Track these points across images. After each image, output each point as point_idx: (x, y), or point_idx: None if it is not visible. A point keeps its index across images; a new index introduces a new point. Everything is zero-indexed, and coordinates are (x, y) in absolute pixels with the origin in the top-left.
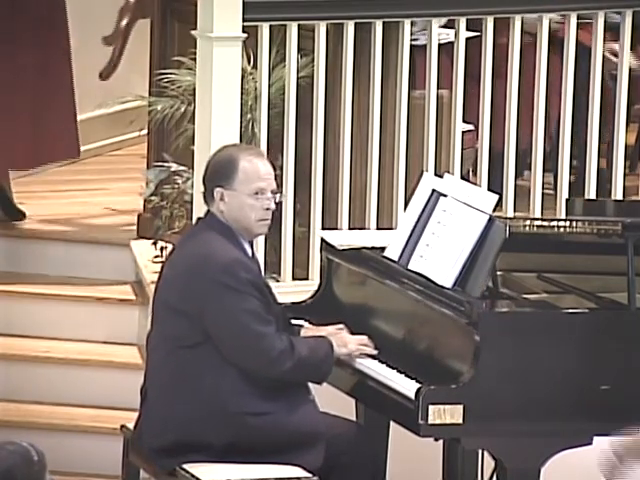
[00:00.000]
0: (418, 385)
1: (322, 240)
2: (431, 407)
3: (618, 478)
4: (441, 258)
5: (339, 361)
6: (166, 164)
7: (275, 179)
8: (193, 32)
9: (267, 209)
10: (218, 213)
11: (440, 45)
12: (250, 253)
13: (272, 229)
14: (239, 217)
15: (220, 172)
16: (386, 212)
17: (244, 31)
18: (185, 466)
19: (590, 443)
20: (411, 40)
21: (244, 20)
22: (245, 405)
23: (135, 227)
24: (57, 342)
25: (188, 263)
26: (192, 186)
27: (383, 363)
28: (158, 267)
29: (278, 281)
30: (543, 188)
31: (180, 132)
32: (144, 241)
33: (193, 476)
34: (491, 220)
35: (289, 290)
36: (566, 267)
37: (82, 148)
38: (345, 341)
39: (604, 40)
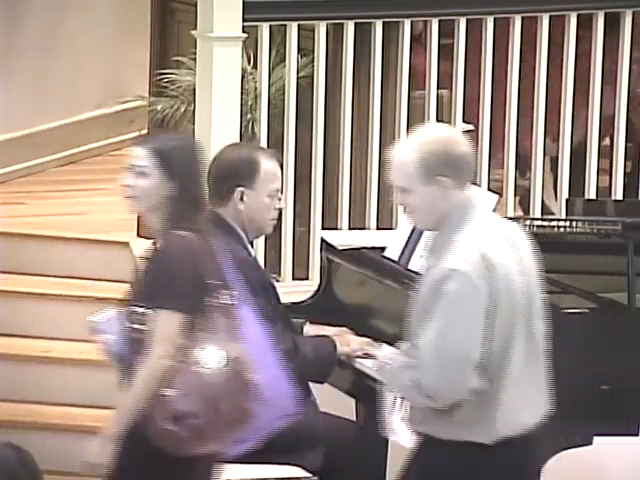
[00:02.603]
0: None
1: (322, 240)
2: None
3: None
4: None
5: (339, 361)
6: None
7: None
8: (193, 32)
9: (278, 209)
10: (229, 212)
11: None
12: (253, 253)
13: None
14: (256, 216)
15: (241, 172)
16: (386, 212)
17: (244, 31)
18: None
19: (590, 443)
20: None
21: (244, 20)
22: None
23: (135, 227)
24: (57, 342)
25: None
26: None
27: None
28: None
29: (278, 281)
30: (543, 188)
31: (180, 132)
32: (144, 241)
33: None
34: None
35: (289, 290)
36: (566, 267)
37: (82, 148)
38: (348, 341)
39: None
